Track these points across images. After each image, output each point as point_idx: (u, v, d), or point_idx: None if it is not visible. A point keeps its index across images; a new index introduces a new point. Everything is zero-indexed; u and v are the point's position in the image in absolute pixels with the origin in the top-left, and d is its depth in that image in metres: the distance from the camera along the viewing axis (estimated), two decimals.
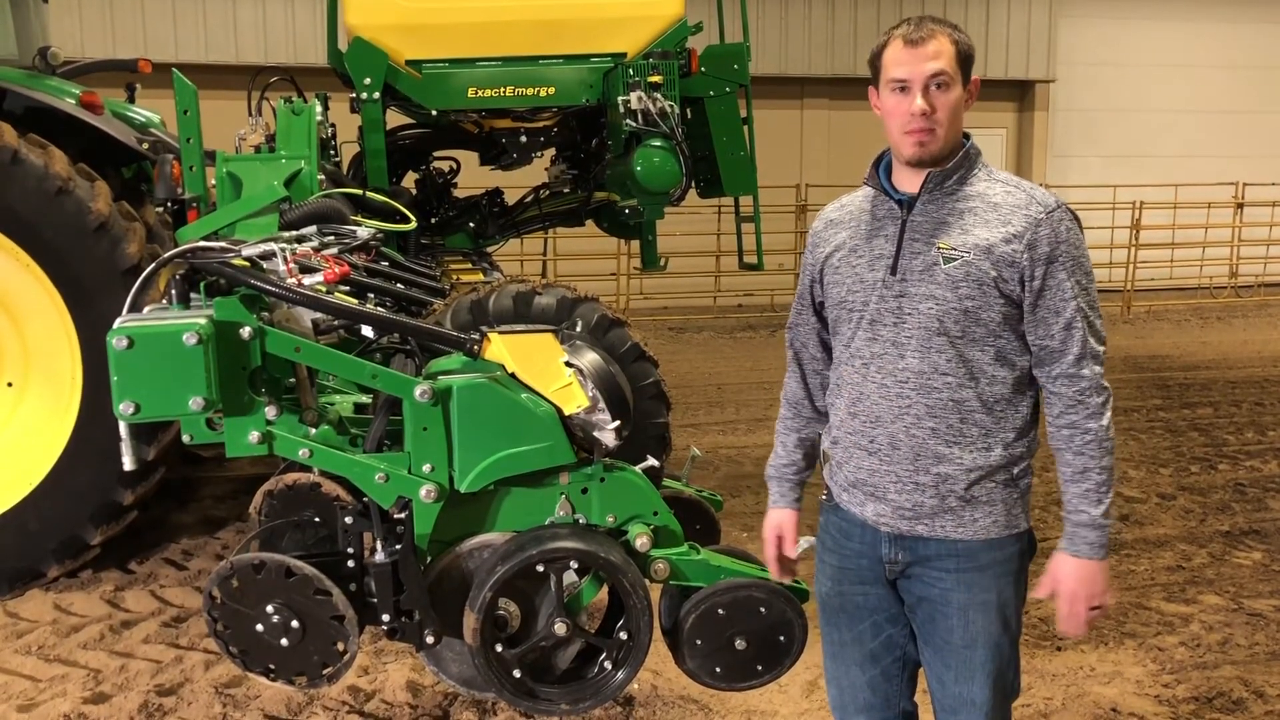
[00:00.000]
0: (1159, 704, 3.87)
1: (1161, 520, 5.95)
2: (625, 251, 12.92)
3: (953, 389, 2.23)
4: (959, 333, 2.22)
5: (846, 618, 2.47)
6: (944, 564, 2.30)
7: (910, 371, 2.25)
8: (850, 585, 2.44)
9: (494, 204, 6.37)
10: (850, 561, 2.42)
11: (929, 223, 2.25)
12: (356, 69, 5.42)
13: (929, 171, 2.24)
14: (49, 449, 4.89)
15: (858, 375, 2.33)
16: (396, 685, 3.97)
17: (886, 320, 2.28)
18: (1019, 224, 2.19)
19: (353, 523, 2.79)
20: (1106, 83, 16.80)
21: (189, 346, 2.42)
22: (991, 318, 2.21)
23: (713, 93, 5.66)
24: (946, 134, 2.21)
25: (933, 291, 2.22)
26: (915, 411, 2.25)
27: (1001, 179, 2.28)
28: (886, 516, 2.32)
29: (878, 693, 2.48)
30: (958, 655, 2.32)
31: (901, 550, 2.33)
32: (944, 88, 2.19)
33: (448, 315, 3.62)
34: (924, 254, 2.24)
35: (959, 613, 2.29)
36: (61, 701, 3.91)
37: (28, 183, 4.68)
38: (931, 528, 2.28)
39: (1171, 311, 14.74)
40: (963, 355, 2.22)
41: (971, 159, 2.28)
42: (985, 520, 2.27)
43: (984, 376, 2.23)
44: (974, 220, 2.22)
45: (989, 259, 2.19)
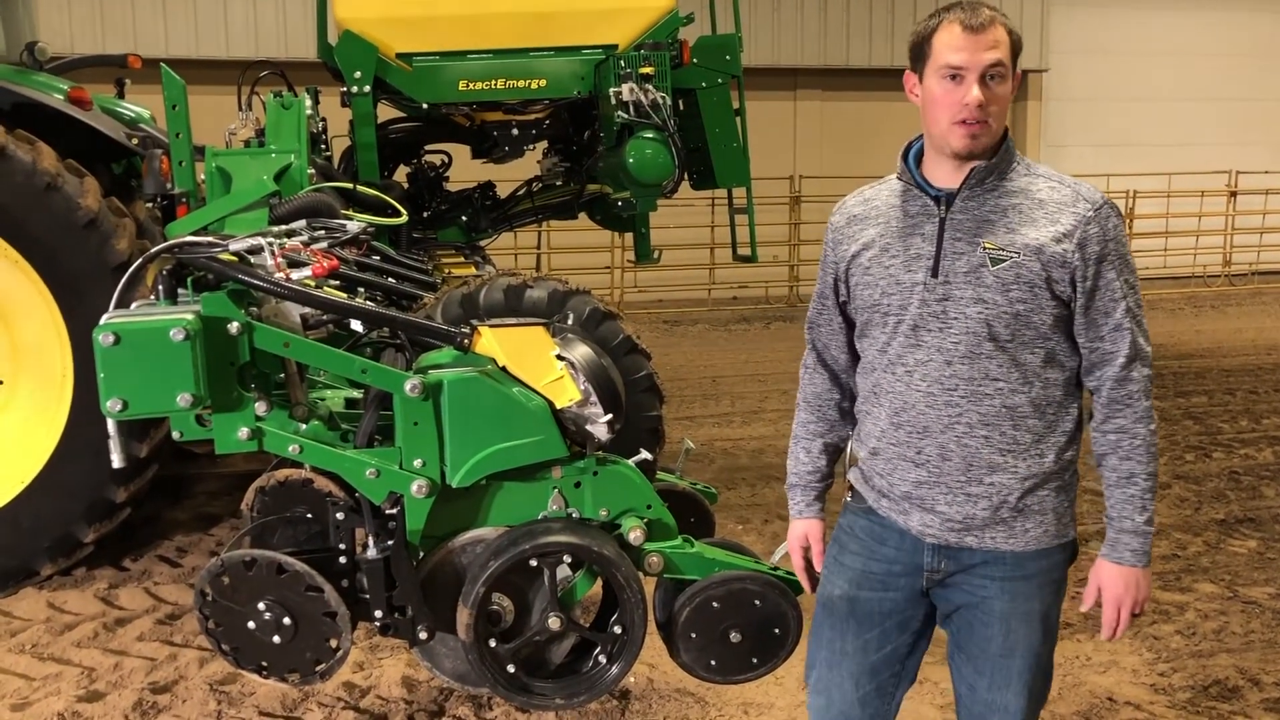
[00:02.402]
0: (1155, 693, 3.87)
1: (1157, 509, 5.93)
2: (619, 244, 12.89)
3: (1005, 395, 2.13)
4: (1009, 337, 2.12)
5: (856, 624, 2.33)
6: (988, 571, 2.21)
7: (959, 379, 2.14)
8: (870, 590, 2.31)
9: (486, 197, 6.35)
10: (878, 566, 2.30)
11: (971, 221, 2.14)
12: (346, 63, 5.39)
13: (973, 166, 2.13)
14: (41, 447, 4.86)
15: (900, 384, 2.20)
16: (391, 681, 3.96)
17: (930, 325, 2.16)
18: (1068, 222, 2.10)
19: (344, 519, 2.78)
20: (1099, 71, 16.79)
21: (176, 342, 2.40)
22: (1043, 320, 2.12)
23: (705, 84, 5.64)
24: (998, 125, 2.12)
25: (981, 295, 2.11)
26: (967, 420, 2.15)
27: (1042, 173, 2.18)
28: (934, 528, 2.21)
29: (866, 709, 2.35)
30: (994, 663, 2.24)
31: (946, 559, 2.23)
32: (999, 79, 2.07)
33: (438, 309, 3.60)
34: (968, 254, 2.13)
35: (1000, 621, 2.21)
36: (55, 700, 3.89)
37: (16, 179, 4.64)
38: (981, 539, 2.19)
39: (1165, 300, 14.75)
40: (1015, 359, 2.13)
41: (1011, 153, 2.18)
42: (1036, 530, 2.19)
43: (1037, 380, 2.14)
44: (1020, 218, 2.12)
45: (1039, 259, 2.09)
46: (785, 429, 7.10)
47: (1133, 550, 2.17)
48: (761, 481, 6.50)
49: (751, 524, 5.72)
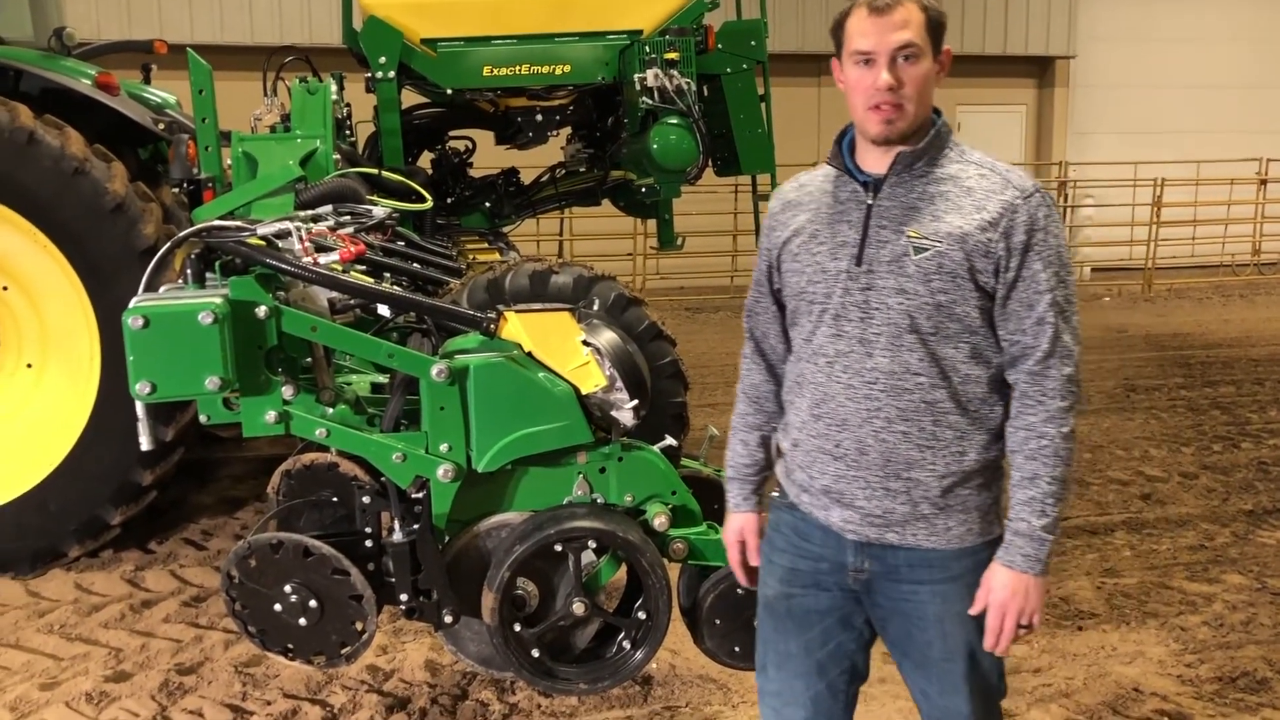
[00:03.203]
0: (1182, 684, 3.84)
1: (1184, 499, 5.90)
2: (642, 231, 12.87)
3: (925, 390, 2.06)
4: (931, 329, 2.05)
5: (795, 624, 2.26)
6: (916, 575, 2.14)
7: (879, 372, 2.07)
8: (801, 588, 2.24)
9: (510, 183, 6.34)
10: (805, 564, 2.23)
11: (897, 208, 2.07)
12: (371, 48, 5.39)
13: (898, 151, 2.06)
14: (68, 430, 4.90)
15: (822, 374, 2.14)
16: (415, 664, 3.98)
17: (852, 315, 2.09)
18: (994, 210, 2.02)
19: (370, 502, 2.80)
20: (1128, 58, 16.59)
21: (205, 326, 2.41)
22: (966, 312, 2.05)
23: (730, 70, 5.60)
24: (916, 110, 2.03)
25: (903, 285, 2.04)
26: (885, 414, 2.07)
27: (975, 160, 2.10)
28: (854, 524, 2.14)
29: (820, 710, 2.27)
30: (939, 669, 2.18)
31: (869, 559, 2.15)
32: (912, 60, 2.00)
33: (464, 294, 3.60)
34: (892, 243, 2.06)
35: (936, 625, 2.14)
36: (83, 680, 3.94)
37: (44, 163, 4.67)
38: (903, 535, 2.12)
39: (1193, 289, 14.60)
40: (935, 354, 2.06)
41: (943, 138, 2.10)
42: (959, 529, 2.11)
43: (957, 375, 2.07)
44: (946, 206, 2.04)
45: (963, 248, 2.01)
46: None
47: (1025, 555, 2.05)
48: None
49: None
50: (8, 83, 5.08)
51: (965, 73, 15.53)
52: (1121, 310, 13.11)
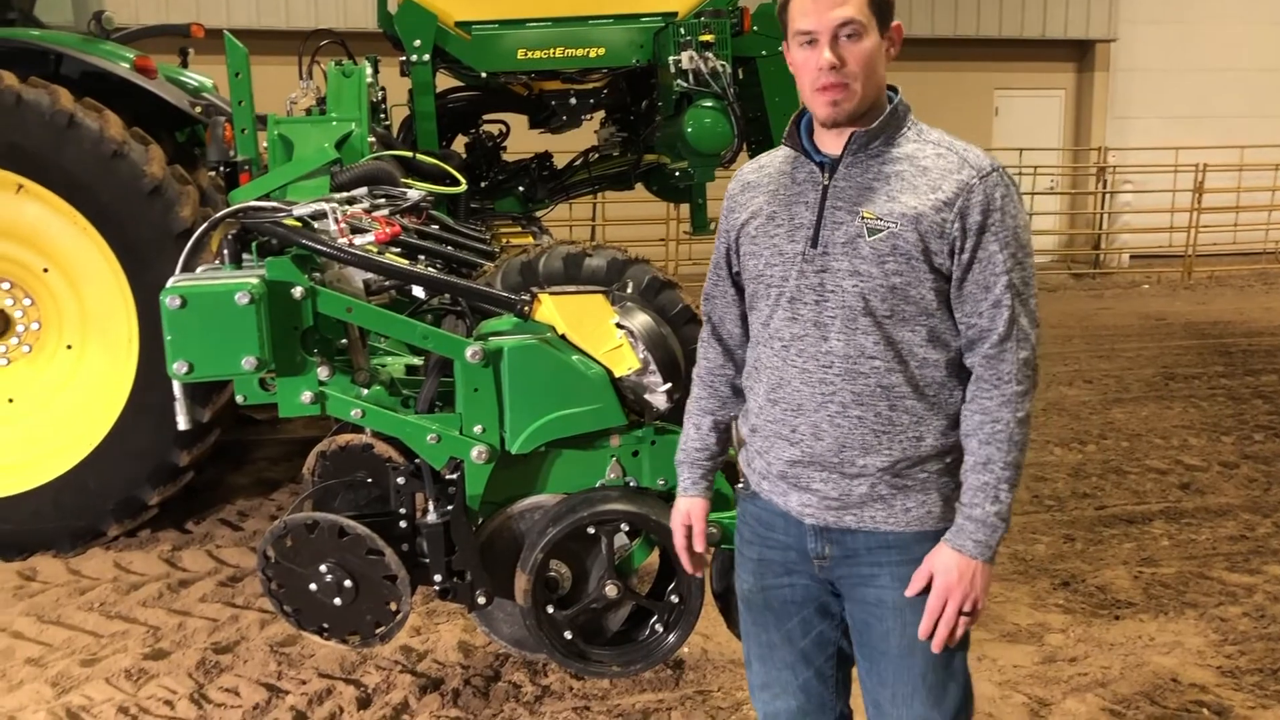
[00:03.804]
0: (1221, 675, 3.79)
1: (1224, 489, 5.82)
2: (675, 216, 12.83)
3: (881, 374, 2.01)
4: (887, 312, 2.00)
5: (773, 615, 2.22)
6: (875, 558, 2.08)
7: (835, 355, 2.03)
8: (774, 579, 2.21)
9: (543, 167, 6.33)
10: (774, 554, 2.20)
11: (853, 189, 2.02)
12: (406, 31, 5.39)
13: (852, 131, 2.01)
14: (107, 410, 4.96)
15: (778, 359, 2.10)
16: (448, 645, 4.00)
17: (808, 298, 2.05)
18: (949, 190, 1.96)
19: (405, 483, 2.81)
20: (1170, 41, 16.32)
21: (241, 306, 2.42)
22: (922, 295, 1.99)
23: (765, 52, 5.55)
24: (864, 89, 1.97)
25: (857, 266, 2.00)
26: (840, 399, 2.03)
27: (934, 139, 2.04)
28: (812, 507, 2.10)
29: (812, 697, 2.25)
30: (894, 666, 2.10)
31: (829, 544, 2.11)
32: (855, 38, 1.94)
33: (498, 276, 3.60)
34: (847, 224, 2.01)
35: (895, 613, 2.07)
36: (122, 657, 3.99)
37: (84, 146, 4.72)
38: (860, 518, 2.07)
39: (1235, 277, 14.38)
40: (890, 337, 2.01)
41: (900, 117, 2.04)
42: (919, 510, 2.05)
43: (914, 360, 2.02)
44: (901, 186, 1.99)
45: (917, 229, 1.96)
46: None
47: (975, 541, 1.99)
48: None
49: None
50: (48, 66, 5.13)
51: (1003, 56, 15.35)
52: (1160, 298, 12.94)
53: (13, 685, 3.82)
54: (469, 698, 3.65)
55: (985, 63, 14.97)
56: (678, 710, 3.56)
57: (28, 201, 4.90)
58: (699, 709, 3.57)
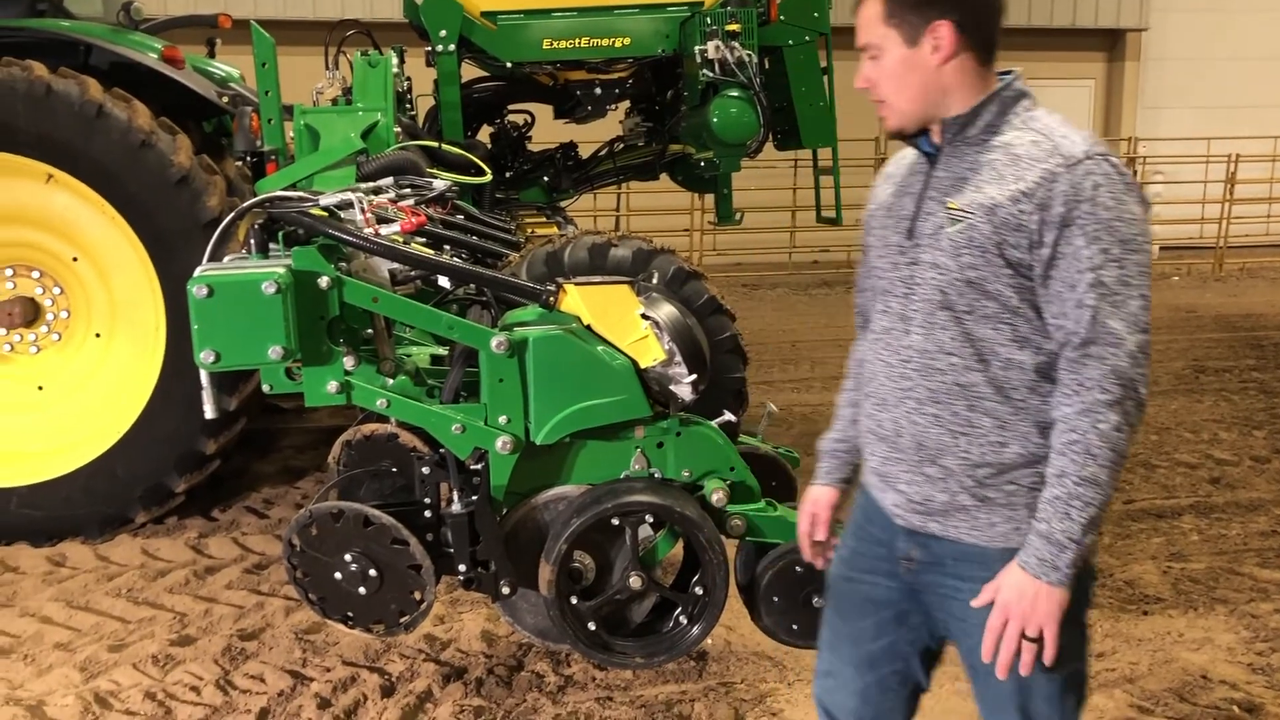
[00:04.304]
0: (1252, 672, 3.75)
1: (1255, 484, 5.75)
2: (700, 206, 12.79)
3: (958, 371, 1.94)
4: (966, 307, 1.92)
5: (851, 608, 2.20)
6: (960, 570, 2.00)
7: (913, 350, 1.99)
8: (861, 573, 2.18)
9: (568, 157, 6.32)
10: (867, 547, 2.17)
11: (949, 179, 1.98)
12: (432, 21, 5.39)
13: (943, 120, 1.98)
14: (135, 399, 5.00)
15: (871, 352, 2.10)
16: (472, 635, 4.01)
17: (897, 290, 2.03)
18: (1032, 179, 1.86)
19: (430, 473, 2.81)
20: (1202, 30, 16.11)
21: (268, 295, 2.43)
22: (1000, 290, 1.90)
23: (792, 41, 5.52)
24: (901, 103, 1.98)
25: (937, 259, 1.95)
26: (916, 395, 1.98)
27: (1036, 126, 1.94)
28: (901, 508, 2.05)
29: (868, 703, 2.19)
30: (984, 682, 2.01)
31: (916, 547, 2.05)
32: (875, 59, 1.98)
33: (523, 267, 3.59)
34: (935, 215, 1.97)
35: (978, 630, 1.95)
36: (150, 643, 4.02)
37: (112, 136, 4.75)
38: (944, 526, 2.00)
39: (1267, 269, 14.20)
40: (970, 334, 1.93)
41: (1006, 103, 1.97)
42: (1004, 526, 1.95)
43: (996, 360, 1.92)
44: (990, 176, 1.92)
45: (991, 221, 1.88)
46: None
47: (1039, 559, 1.86)
48: None
49: None
50: (78, 57, 5.16)
51: (1032, 46, 15.19)
52: (1191, 290, 12.79)
53: (42, 670, 3.86)
54: (492, 687, 3.66)
55: (1014, 52, 14.74)
56: (701, 702, 3.55)
57: (57, 191, 4.93)
58: (722, 701, 3.56)
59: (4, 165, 4.84)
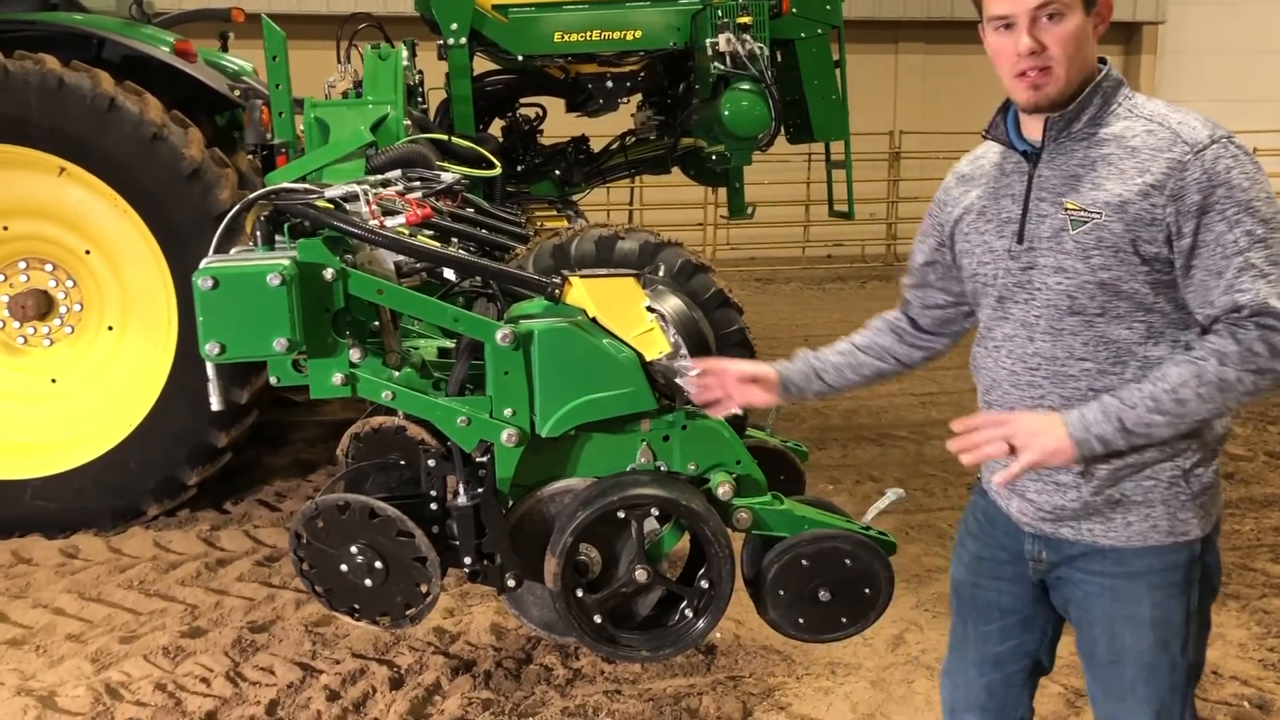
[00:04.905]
0: (1263, 668, 3.72)
1: (1269, 479, 5.71)
2: (712, 200, 12.78)
3: (1092, 377, 1.90)
4: (1098, 309, 1.88)
5: (976, 613, 2.23)
6: (1089, 565, 2.00)
7: (1041, 357, 1.95)
8: (986, 579, 2.20)
9: (580, 151, 6.32)
10: (990, 552, 2.18)
11: (1058, 177, 1.92)
12: (443, 14, 5.39)
13: (1047, 117, 1.92)
14: (147, 391, 5.02)
15: (990, 359, 2.06)
16: (481, 628, 4.02)
17: (1016, 296, 1.97)
18: (1159, 171, 1.81)
19: (436, 466, 2.81)
20: (1220, 23, 15.99)
21: (273, 287, 2.42)
22: (1137, 289, 1.85)
23: (804, 35, 5.51)
24: (1069, 72, 1.86)
25: (1062, 263, 1.89)
26: (1049, 403, 1.94)
27: (1146, 114, 1.89)
28: (1029, 516, 2.05)
29: (994, 697, 2.25)
30: (1105, 670, 2.04)
31: (1046, 549, 2.06)
32: (1057, 18, 1.83)
33: (530, 259, 3.59)
34: (1051, 216, 1.91)
35: (1103, 622, 2.00)
36: (160, 634, 4.04)
37: (124, 129, 4.77)
38: (1078, 530, 1.99)
39: None
40: (1104, 336, 1.89)
41: (1107, 93, 1.92)
42: (1141, 525, 1.94)
43: (1134, 360, 1.88)
44: (1108, 171, 1.86)
45: (1123, 219, 1.82)
46: (879, 390, 6.99)
47: (1083, 415, 1.85)
48: (854, 442, 6.41)
49: (843, 484, 5.65)
50: (90, 51, 5.18)
51: None
52: None
53: (54, 661, 3.89)
54: (500, 680, 3.66)
55: None
56: (709, 695, 3.55)
57: (70, 184, 4.96)
58: (730, 694, 3.56)
59: (17, 158, 4.87)
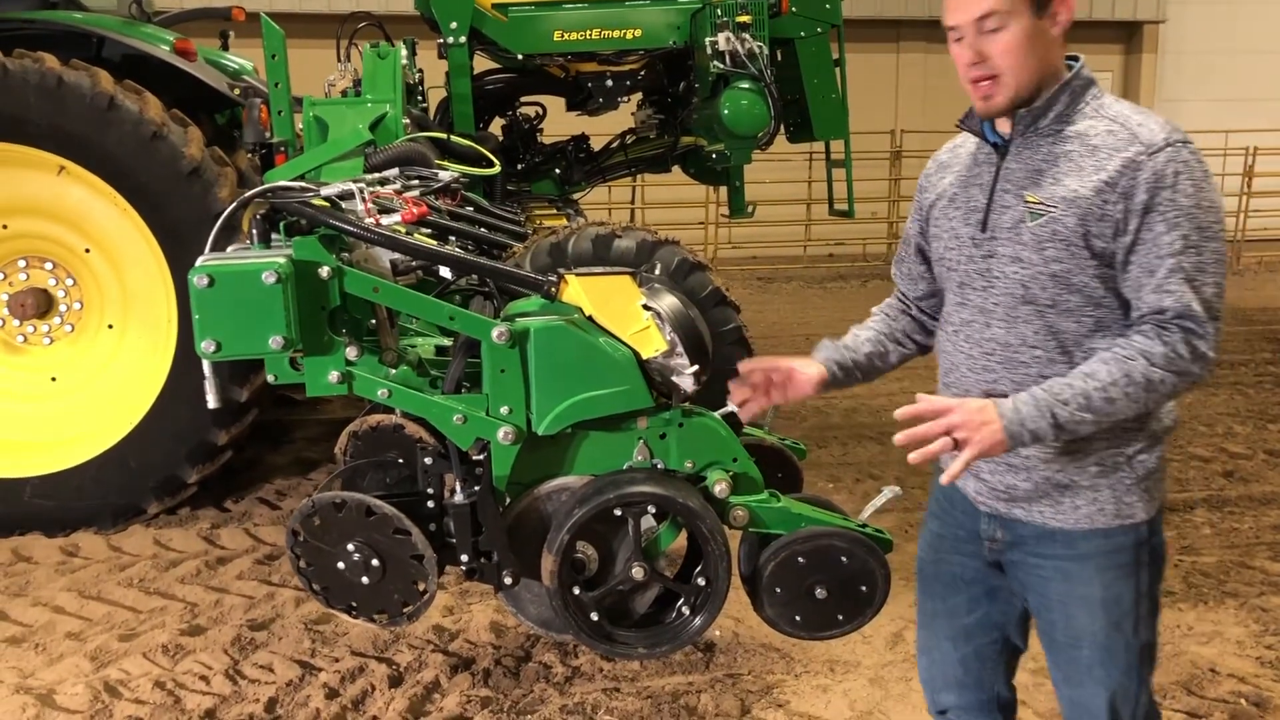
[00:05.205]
0: (1261, 666, 3.72)
1: (1268, 477, 5.71)
2: (713, 199, 12.78)
3: (1042, 365, 1.98)
4: (1049, 301, 1.96)
5: (941, 587, 2.30)
6: (1040, 548, 2.08)
7: (996, 343, 2.02)
8: (947, 553, 2.28)
9: (580, 150, 6.32)
10: (950, 530, 2.26)
11: (1023, 170, 1.99)
12: (443, 13, 5.40)
13: (1018, 112, 1.98)
14: (148, 389, 5.03)
15: (949, 343, 2.14)
16: (480, 626, 4.02)
17: (975, 283, 2.05)
18: (1114, 169, 1.87)
19: (432, 463, 2.80)
20: (1220, 22, 15.98)
21: (268, 285, 2.42)
22: (1086, 283, 1.93)
23: (804, 34, 5.51)
24: (1017, 79, 1.93)
25: (1019, 253, 1.97)
26: (1001, 388, 2.01)
27: (1110, 114, 1.95)
28: (984, 495, 2.14)
29: (970, 671, 2.31)
30: (1063, 654, 2.12)
31: (1001, 528, 2.14)
32: (1000, 29, 1.90)
33: (527, 257, 3.59)
34: (1013, 208, 1.99)
35: (1059, 605, 2.08)
36: (160, 632, 4.05)
37: (124, 128, 4.78)
38: (1029, 511, 2.07)
39: None
40: (1053, 328, 1.96)
41: (1076, 91, 1.97)
42: (1088, 508, 2.02)
43: (1080, 351, 1.96)
44: (1068, 167, 1.93)
45: (1076, 213, 1.90)
46: (879, 388, 6.98)
47: (1015, 406, 1.88)
48: (853, 440, 6.41)
49: (842, 482, 5.65)
50: (90, 49, 5.19)
51: None
52: None
53: (53, 659, 3.89)
54: (499, 677, 3.67)
55: None
56: (708, 693, 3.55)
57: (70, 183, 4.97)
58: (729, 692, 3.56)
59: (16, 157, 4.88)
